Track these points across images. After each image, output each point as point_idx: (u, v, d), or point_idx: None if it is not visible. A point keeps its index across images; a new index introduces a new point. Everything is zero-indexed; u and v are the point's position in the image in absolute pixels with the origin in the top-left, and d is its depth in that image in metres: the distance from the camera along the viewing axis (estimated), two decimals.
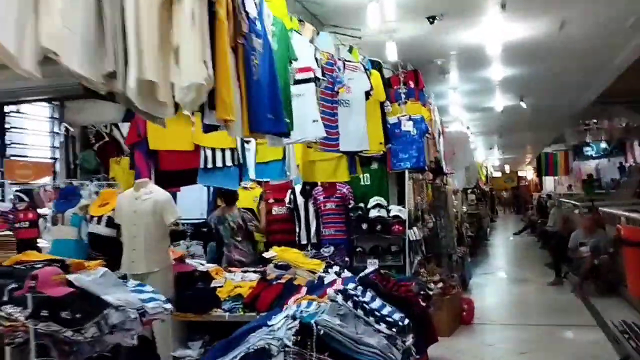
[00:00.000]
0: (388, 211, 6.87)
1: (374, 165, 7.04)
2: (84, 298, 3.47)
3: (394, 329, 3.58)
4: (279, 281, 5.03)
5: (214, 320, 4.92)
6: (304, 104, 4.18)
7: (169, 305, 4.07)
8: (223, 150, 5.65)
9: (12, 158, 7.06)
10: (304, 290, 4.73)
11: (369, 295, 3.93)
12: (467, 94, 10.62)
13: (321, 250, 6.69)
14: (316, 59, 4.39)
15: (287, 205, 7.08)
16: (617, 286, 8.54)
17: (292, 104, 3.87)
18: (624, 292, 8.22)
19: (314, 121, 4.22)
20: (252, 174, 5.76)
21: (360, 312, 3.62)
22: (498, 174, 40.28)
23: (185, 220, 7.00)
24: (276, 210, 7.17)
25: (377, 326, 3.56)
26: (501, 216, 30.79)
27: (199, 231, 7.39)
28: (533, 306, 8.49)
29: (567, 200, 17.64)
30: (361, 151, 5.28)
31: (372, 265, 6.80)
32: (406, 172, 6.82)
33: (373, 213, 6.84)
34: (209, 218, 6.99)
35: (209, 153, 5.66)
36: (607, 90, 11.66)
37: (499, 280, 10.71)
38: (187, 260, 5.68)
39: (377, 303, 3.86)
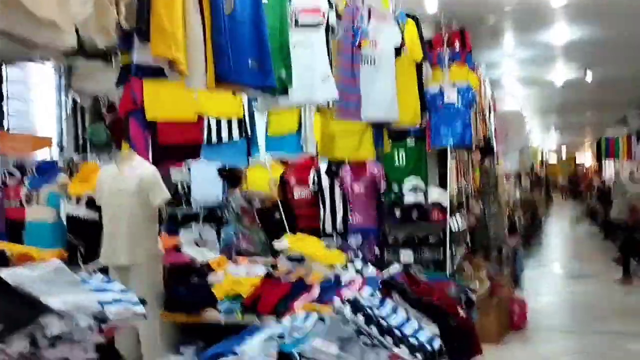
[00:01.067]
0: (426, 196, 5.88)
1: (411, 142, 6.05)
2: (12, 301, 2.69)
3: (418, 355, 2.66)
4: (287, 278, 4.16)
5: (209, 323, 4.11)
6: (312, 57, 3.26)
7: (140, 308, 3.25)
8: (229, 120, 4.81)
9: (12, 129, 6.45)
10: (316, 290, 3.86)
11: (389, 306, 3.00)
12: (523, 63, 9.35)
13: (348, 240, 5.85)
14: (330, 2, 3.44)
15: (310, 187, 6.18)
16: None
17: (293, 54, 2.96)
18: None
19: (324, 79, 3.29)
20: (263, 148, 4.90)
21: (374, 329, 2.71)
22: (554, 158, 38.23)
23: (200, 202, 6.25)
24: (299, 192, 6.28)
25: (395, 349, 2.65)
26: (557, 202, 28.96)
27: (214, 214, 6.60)
28: (597, 309, 7.33)
29: (636, 187, 16.10)
30: (390, 122, 4.31)
31: (407, 257, 5.87)
32: (449, 150, 5.79)
33: (408, 198, 5.87)
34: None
35: (213, 124, 4.83)
36: None
37: (556, 275, 9.55)
38: (187, 250, 4.87)
39: (400, 317, 2.93)
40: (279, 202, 5.66)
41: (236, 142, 4.80)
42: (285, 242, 4.70)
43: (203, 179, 6.34)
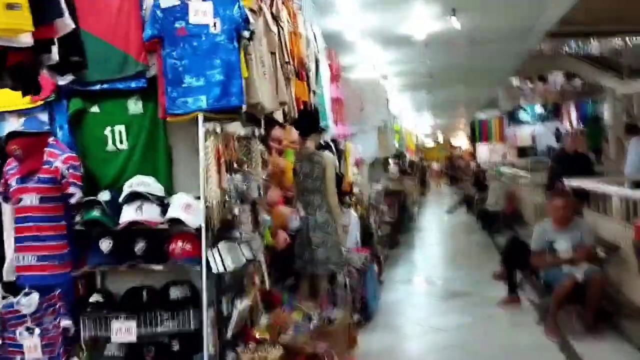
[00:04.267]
0: (164, 208, 3.03)
1: (134, 105, 3.17)
2: None
3: None
4: None
5: None
6: None
7: None
8: None
9: None
10: None
11: None
12: (368, 8, 6.78)
13: (15, 301, 3.01)
14: None
15: None
16: (613, 317, 5.13)
17: None
18: (626, 327, 4.87)
19: None
20: None
21: None
22: (430, 143, 37.44)
23: None
24: None
25: None
26: (434, 190, 27.66)
27: None
28: (477, 355, 4.87)
29: (512, 172, 14.48)
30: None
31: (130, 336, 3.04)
32: (199, 120, 2.97)
33: (127, 214, 2.98)
34: None
35: None
36: (567, 18, 8.27)
37: (423, 296, 7.10)
38: None
39: None
40: None
41: None
42: None
43: None
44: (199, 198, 2.99)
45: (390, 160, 13.35)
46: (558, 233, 5.39)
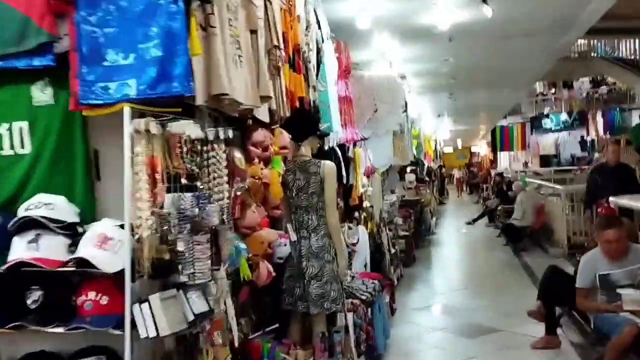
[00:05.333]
0: (75, 241, 2.08)
1: (40, 93, 2.24)
2: None
3: None
4: None
5: None
6: None
7: None
8: None
9: None
10: None
11: None
12: None
13: None
14: None
15: None
16: None
17: None
18: None
19: None
20: None
21: None
22: (449, 150, 36.24)
23: None
24: None
25: None
26: (455, 200, 26.50)
27: None
28: None
29: (538, 182, 13.34)
30: None
31: None
32: (126, 113, 2.02)
33: (17, 249, 2.04)
34: None
35: None
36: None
37: (441, 332, 6.02)
38: None
39: None
40: None
41: None
42: None
43: None
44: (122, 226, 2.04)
45: (408, 168, 12.35)
46: (612, 265, 4.35)
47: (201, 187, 2.33)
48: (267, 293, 3.57)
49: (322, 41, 4.82)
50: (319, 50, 4.65)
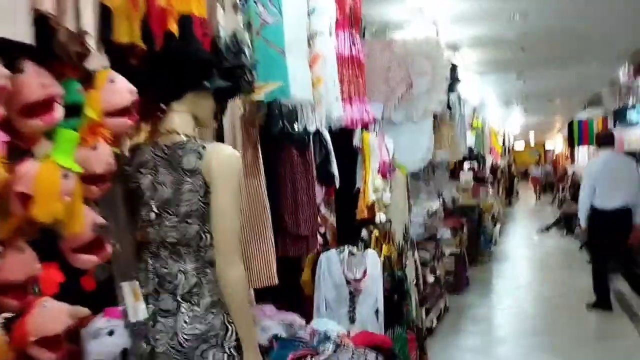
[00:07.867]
0: None
1: None
2: None
3: None
4: None
5: None
6: None
7: None
8: None
9: None
10: None
11: None
12: None
13: None
14: None
15: None
16: None
17: None
18: None
19: None
20: None
21: None
22: (520, 146, 33.11)
23: None
24: None
25: None
26: (529, 202, 23.58)
27: None
28: None
29: None
30: None
31: None
32: None
33: None
34: None
35: None
36: None
37: None
38: None
39: None
40: None
41: None
42: None
43: None
44: None
45: (465, 166, 10.10)
46: None
47: None
48: None
49: None
50: None
